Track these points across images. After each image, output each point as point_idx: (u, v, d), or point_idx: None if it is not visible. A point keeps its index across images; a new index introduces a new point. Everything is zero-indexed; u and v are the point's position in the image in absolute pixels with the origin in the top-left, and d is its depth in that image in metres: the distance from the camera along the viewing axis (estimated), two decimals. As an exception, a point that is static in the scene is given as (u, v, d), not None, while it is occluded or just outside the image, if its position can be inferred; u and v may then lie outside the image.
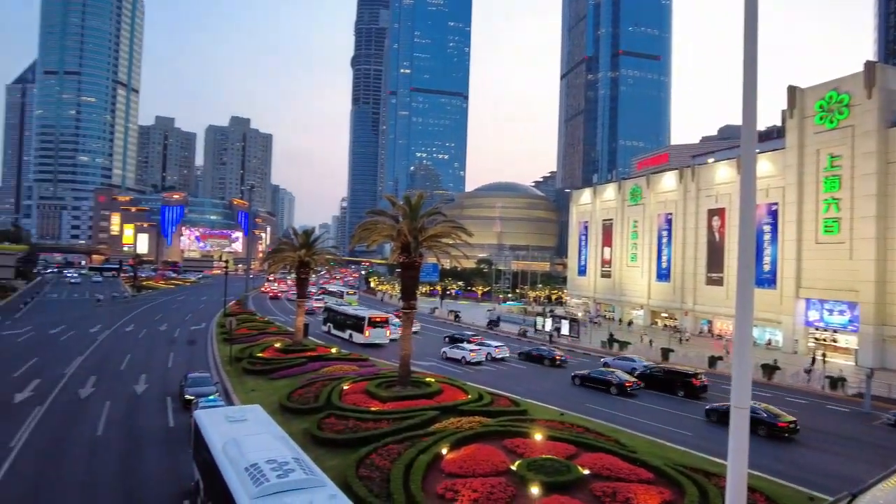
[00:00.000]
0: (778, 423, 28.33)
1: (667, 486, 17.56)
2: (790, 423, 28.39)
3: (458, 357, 46.80)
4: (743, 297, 8.34)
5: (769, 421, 28.52)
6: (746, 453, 8.27)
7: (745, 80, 8.05)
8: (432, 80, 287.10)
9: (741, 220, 8.41)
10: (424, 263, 31.20)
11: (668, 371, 39.55)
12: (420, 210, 30.31)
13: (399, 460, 18.51)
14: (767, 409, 29.56)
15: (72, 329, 55.46)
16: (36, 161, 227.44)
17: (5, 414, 26.78)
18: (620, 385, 36.98)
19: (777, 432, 28.10)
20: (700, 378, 37.67)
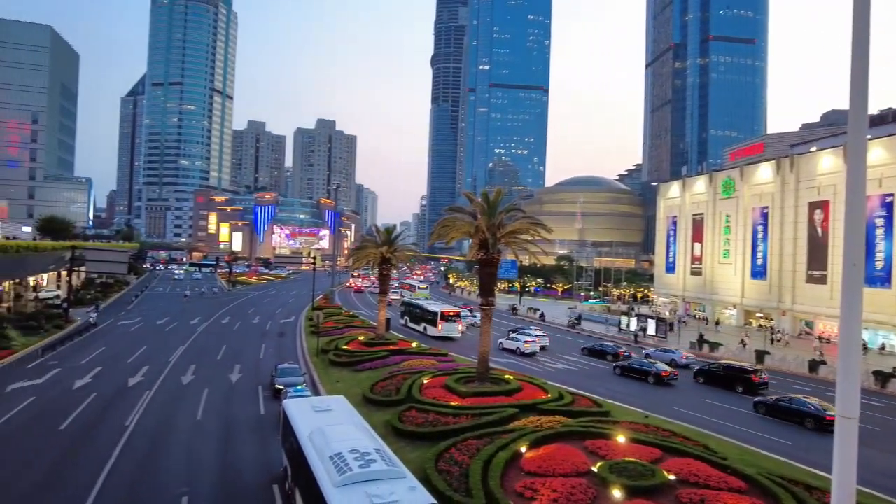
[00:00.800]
0: (826, 417, 28.22)
1: (760, 496, 16.48)
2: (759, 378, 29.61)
3: (513, 348, 48.74)
4: (850, 297, 7.67)
5: (817, 414, 28.78)
6: (854, 466, 7.61)
7: (854, 60, 7.38)
8: (511, 75, 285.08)
9: (848, 212, 7.73)
10: (503, 260, 31.05)
11: (727, 367, 39.33)
12: (498, 206, 30.17)
13: (478, 456, 18.56)
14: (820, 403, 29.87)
15: (175, 321, 59.94)
16: (145, 166, 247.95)
17: (122, 396, 29.46)
18: (657, 375, 38.72)
19: (826, 425, 27.85)
20: (760, 374, 37.47)
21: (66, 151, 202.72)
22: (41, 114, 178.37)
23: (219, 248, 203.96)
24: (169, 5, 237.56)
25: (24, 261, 53.17)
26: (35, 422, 24.91)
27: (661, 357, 45.94)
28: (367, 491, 12.57)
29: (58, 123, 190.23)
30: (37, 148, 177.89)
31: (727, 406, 33.24)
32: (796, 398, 31.26)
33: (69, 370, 35.11)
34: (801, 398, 31.01)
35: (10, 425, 24.37)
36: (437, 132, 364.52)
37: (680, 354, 47.24)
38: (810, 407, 29.44)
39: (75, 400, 28.42)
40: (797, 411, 30.01)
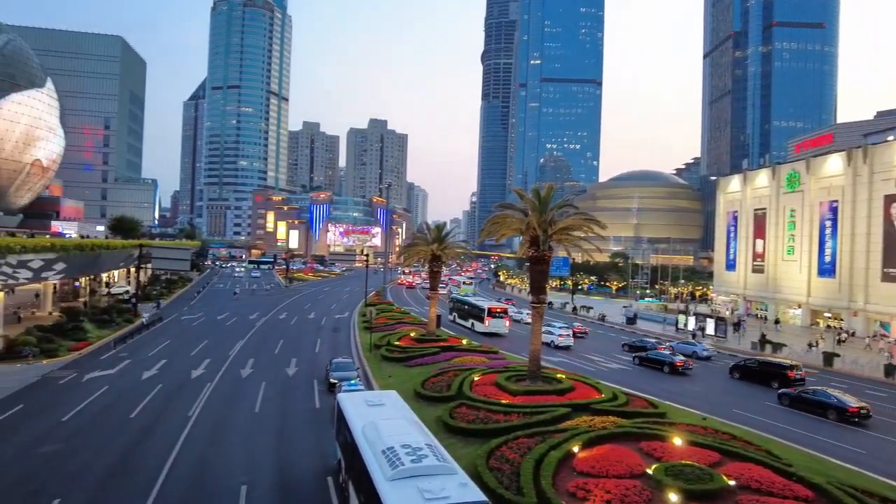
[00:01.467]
0: (849, 409, 28.95)
1: (830, 506, 15.67)
2: (860, 409, 28.88)
3: (547, 341, 48.59)
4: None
5: (840, 406, 29.37)
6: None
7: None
8: (563, 69, 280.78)
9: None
10: (554, 257, 30.62)
11: (763, 363, 39.70)
12: (549, 202, 29.75)
13: (530, 454, 18.43)
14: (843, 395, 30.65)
15: (235, 315, 62.23)
16: (206, 167, 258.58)
17: (186, 388, 30.88)
18: (672, 364, 41.01)
19: (848, 417, 28.83)
20: (797, 371, 37.39)
21: (135, 154, 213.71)
22: (112, 119, 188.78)
23: (276, 245, 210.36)
24: (227, 12, 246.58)
25: (98, 258, 56.44)
26: (108, 409, 26.45)
27: (683, 349, 48.17)
28: (418, 486, 12.69)
29: (127, 128, 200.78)
30: (108, 152, 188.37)
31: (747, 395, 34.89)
32: (819, 390, 31.60)
33: (138, 362, 37.07)
34: (824, 390, 31.44)
35: (88, 412, 25.99)
36: (487, 129, 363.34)
37: (702, 347, 49.66)
38: (833, 399, 30.04)
39: (143, 390, 29.99)
40: (820, 403, 30.51)
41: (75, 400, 27.74)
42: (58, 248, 46.02)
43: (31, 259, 41.05)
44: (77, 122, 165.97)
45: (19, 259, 39.22)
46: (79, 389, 29.86)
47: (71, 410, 26.05)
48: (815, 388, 32.48)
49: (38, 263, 42.35)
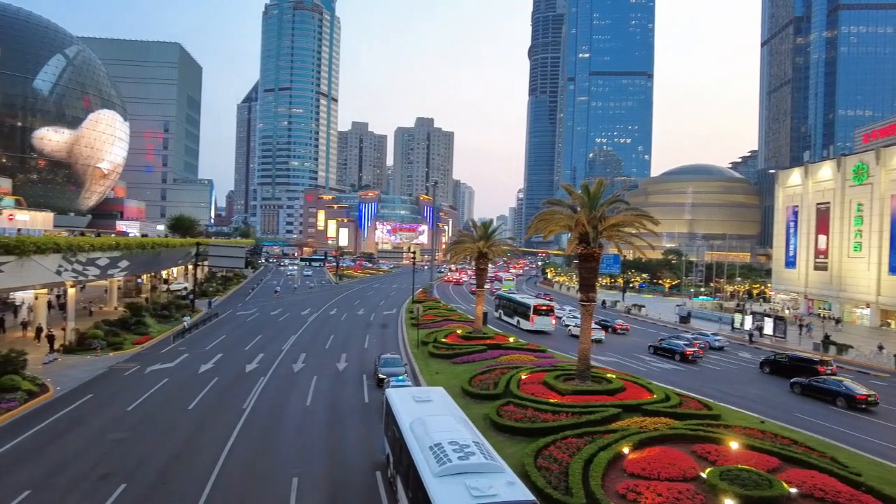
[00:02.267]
0: (856, 396, 30.73)
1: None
2: (868, 396, 30.70)
3: (577, 333, 50.25)
4: None
5: (848, 393, 31.14)
6: None
7: None
8: (613, 62, 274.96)
9: None
10: (604, 254, 29.95)
11: (793, 357, 40.51)
12: (599, 198, 29.16)
13: (579, 455, 18.18)
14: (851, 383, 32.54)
15: (287, 311, 63.89)
16: (259, 167, 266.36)
17: (240, 381, 31.92)
18: (682, 353, 44.35)
19: (856, 403, 30.59)
20: (827, 365, 37.93)
21: (192, 156, 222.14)
22: (171, 123, 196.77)
23: (327, 243, 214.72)
24: (278, 15, 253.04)
25: (158, 256, 59.04)
26: (169, 401, 27.64)
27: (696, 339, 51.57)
28: (466, 483, 12.70)
29: (184, 131, 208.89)
30: (167, 154, 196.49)
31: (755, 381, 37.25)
32: (829, 379, 33.40)
33: (196, 356, 38.56)
34: (834, 379, 33.34)
35: (150, 403, 27.24)
36: (534, 124, 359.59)
37: (714, 338, 53.35)
38: (842, 387, 31.65)
39: (200, 383, 31.19)
40: (829, 391, 32.15)
41: (139, 391, 29.13)
42: (122, 247, 48.44)
43: (98, 257, 43.36)
44: (139, 126, 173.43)
45: (88, 257, 41.49)
46: (142, 381, 31.34)
47: (135, 401, 27.37)
48: (825, 377, 34.41)
49: (105, 261, 44.68)
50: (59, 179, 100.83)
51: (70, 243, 39.37)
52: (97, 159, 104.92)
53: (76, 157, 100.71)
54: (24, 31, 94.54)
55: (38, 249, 34.32)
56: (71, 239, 42.15)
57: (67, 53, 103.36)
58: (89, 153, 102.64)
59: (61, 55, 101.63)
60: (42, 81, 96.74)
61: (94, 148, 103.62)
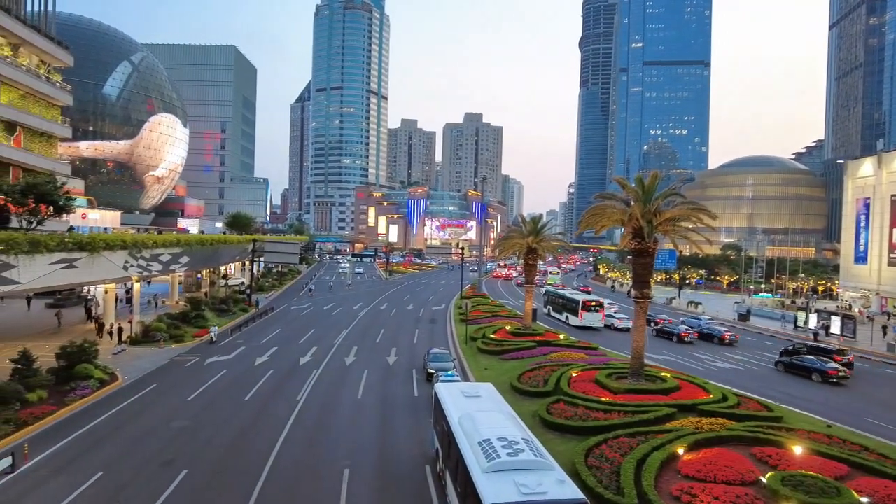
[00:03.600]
0: (828, 371, 35.68)
1: None
2: (838, 371, 35.65)
3: (609, 324, 55.75)
4: None
5: (821, 369, 36.14)
6: None
7: None
8: (667, 51, 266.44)
9: None
10: (659, 250, 29.10)
11: (811, 348, 41.95)
12: (654, 191, 28.30)
13: (631, 454, 17.79)
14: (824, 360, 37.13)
15: (340, 306, 65.18)
16: (312, 166, 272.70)
17: (294, 373, 32.81)
18: (678, 335, 49.83)
19: (828, 377, 35.51)
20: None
21: (247, 156, 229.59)
22: (228, 123, 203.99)
23: (377, 239, 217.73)
24: (329, 16, 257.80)
25: (217, 252, 61.30)
26: (226, 392, 28.70)
27: (692, 324, 55.35)
28: (515, 479, 12.61)
29: (240, 131, 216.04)
30: (225, 154, 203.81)
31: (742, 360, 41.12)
32: (806, 357, 38.63)
33: (252, 348, 39.87)
34: (810, 357, 38.44)
35: (210, 393, 28.36)
36: (585, 116, 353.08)
37: (706, 323, 55.97)
38: (816, 364, 36.93)
39: (256, 375, 32.23)
40: (806, 367, 37.44)
41: (198, 382, 30.37)
42: (182, 244, 50.55)
43: (161, 253, 45.40)
44: (198, 127, 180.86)
45: (152, 253, 43.51)
46: (201, 372, 32.66)
47: (195, 391, 28.56)
48: (802, 355, 39.46)
49: (167, 257, 46.74)
50: (124, 180, 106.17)
51: (135, 240, 41.41)
52: (157, 160, 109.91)
53: (138, 158, 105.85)
54: (95, 41, 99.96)
55: (107, 246, 36.23)
56: (136, 236, 44.37)
57: (133, 60, 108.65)
58: (150, 154, 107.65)
59: (128, 62, 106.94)
60: (111, 87, 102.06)
61: (154, 150, 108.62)
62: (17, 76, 52.01)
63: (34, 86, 54.61)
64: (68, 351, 28.62)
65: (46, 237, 30.54)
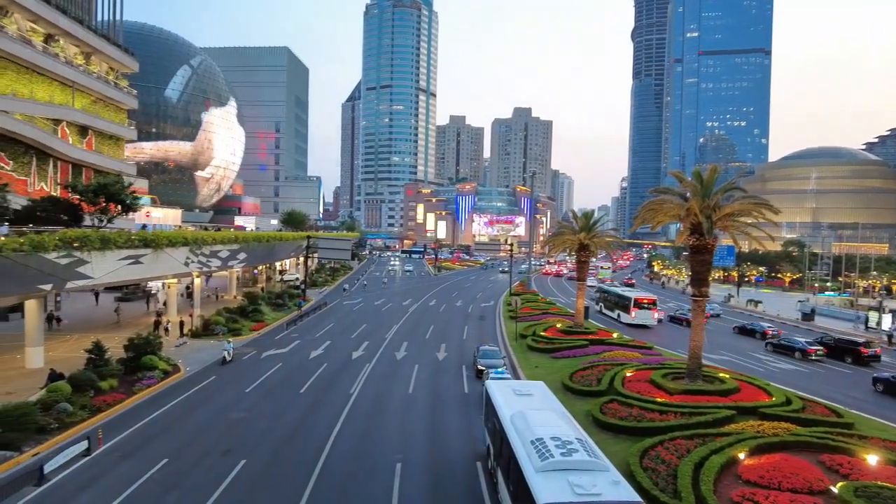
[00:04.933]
0: (808, 350, 40.69)
1: None
2: (816, 351, 40.47)
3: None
4: None
5: (803, 348, 41.04)
6: None
7: None
8: (725, 40, 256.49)
9: None
10: (717, 246, 28.03)
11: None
12: (713, 186, 27.27)
13: (688, 457, 17.25)
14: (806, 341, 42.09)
15: (390, 302, 65.98)
16: (362, 164, 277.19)
17: (347, 367, 33.44)
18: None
19: (807, 355, 40.48)
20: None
21: (301, 154, 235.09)
22: (282, 123, 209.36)
23: (425, 235, 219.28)
24: (378, 14, 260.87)
25: (272, 249, 63.20)
26: (283, 384, 29.54)
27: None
28: (568, 479, 12.44)
29: (294, 130, 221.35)
30: (279, 153, 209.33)
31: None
32: (791, 338, 43.84)
33: (306, 342, 40.87)
34: (791, 337, 44.36)
35: (267, 385, 29.27)
36: (638, 109, 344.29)
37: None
38: (799, 343, 42.01)
39: (311, 368, 33.02)
40: (790, 347, 42.46)
41: (256, 374, 31.37)
42: (240, 240, 52.36)
43: (220, 250, 47.17)
44: (253, 127, 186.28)
45: (211, 249, 45.27)
46: (258, 365, 33.72)
47: (253, 383, 29.51)
48: (788, 336, 44.95)
49: (226, 253, 48.51)
50: (185, 179, 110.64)
51: (196, 237, 43.17)
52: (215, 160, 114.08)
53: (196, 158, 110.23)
54: (157, 46, 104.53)
55: (170, 243, 37.94)
56: (197, 233, 46.22)
57: (192, 63, 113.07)
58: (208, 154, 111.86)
59: (187, 66, 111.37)
60: (171, 90, 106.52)
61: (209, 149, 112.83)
62: (90, 83, 54.98)
63: (104, 91, 57.58)
64: (135, 343, 30.15)
65: (115, 234, 32.24)
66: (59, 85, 50.72)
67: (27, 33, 47.09)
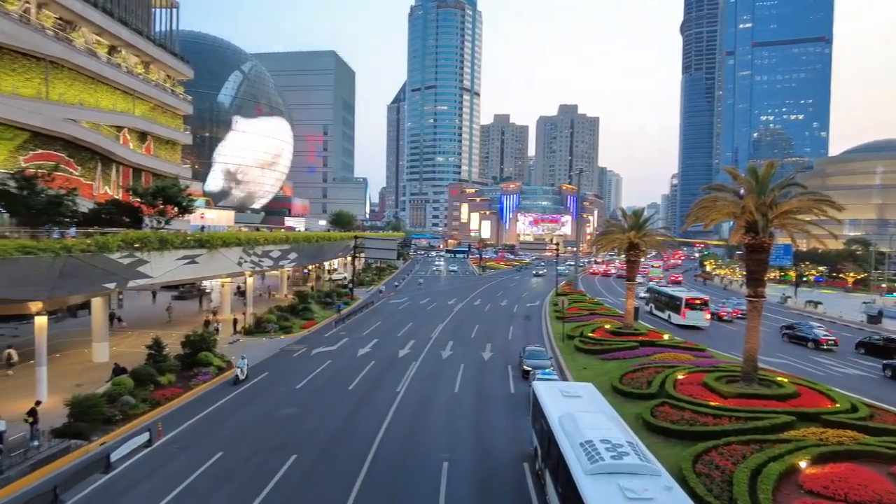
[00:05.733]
0: (820, 339, 43.99)
1: None
2: (828, 340, 43.75)
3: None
4: None
5: (815, 338, 44.36)
6: None
7: None
8: (781, 30, 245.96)
9: None
10: (774, 244, 26.90)
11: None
12: (769, 182, 26.18)
13: (744, 463, 16.64)
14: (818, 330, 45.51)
15: (435, 301, 66.30)
16: (407, 165, 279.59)
17: (394, 365, 33.82)
18: None
19: (819, 345, 43.64)
20: None
21: (347, 156, 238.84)
22: (329, 126, 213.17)
23: (470, 235, 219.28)
24: (422, 16, 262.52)
25: (321, 249, 64.49)
26: (332, 381, 30.13)
27: None
28: (619, 483, 12.22)
29: (341, 133, 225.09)
30: (327, 155, 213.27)
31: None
32: (803, 324, 47.91)
33: (355, 340, 41.54)
34: (808, 326, 47.62)
35: (317, 381, 29.93)
36: (688, 104, 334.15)
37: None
38: (812, 333, 45.14)
39: (359, 365, 33.55)
40: (804, 337, 45.45)
41: (306, 371, 32.11)
42: (290, 241, 53.67)
43: (271, 250, 48.50)
44: (301, 130, 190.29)
45: (263, 250, 46.59)
46: (308, 362, 34.50)
47: (303, 379, 30.22)
48: (802, 327, 47.49)
49: (277, 253, 49.82)
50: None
51: (248, 238, 44.53)
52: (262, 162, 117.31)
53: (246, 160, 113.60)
54: (210, 54, 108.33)
55: (224, 244, 39.25)
56: (249, 234, 47.69)
57: (243, 69, 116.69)
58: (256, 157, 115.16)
59: (238, 71, 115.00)
60: (224, 96, 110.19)
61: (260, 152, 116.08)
62: (149, 91, 57.46)
63: (162, 98, 60.05)
64: (192, 339, 31.34)
65: (172, 235, 33.59)
66: (121, 93, 53.16)
67: (93, 46, 49.57)
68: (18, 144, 39.80)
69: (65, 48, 44.36)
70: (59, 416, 21.49)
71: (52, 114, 42.64)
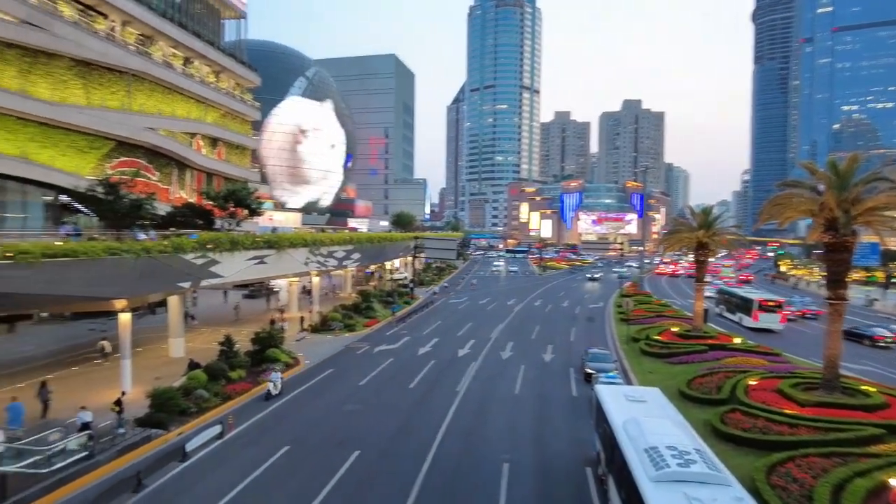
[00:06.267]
0: (875, 337, 44.00)
1: None
2: (885, 338, 43.74)
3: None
4: None
5: (871, 335, 44.30)
6: None
7: None
8: (865, 12, 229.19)
9: None
10: (858, 243, 25.20)
11: None
12: (852, 177, 24.49)
13: (825, 477, 15.68)
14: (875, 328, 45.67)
15: (494, 301, 66.09)
16: (466, 164, 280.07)
17: (454, 365, 33.99)
18: None
19: (875, 342, 43.60)
20: None
21: (408, 158, 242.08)
22: (390, 129, 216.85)
23: (530, 235, 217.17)
24: (481, 15, 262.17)
25: (383, 249, 65.72)
26: (393, 378, 30.63)
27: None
28: (685, 492, 11.79)
29: (401, 135, 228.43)
30: (388, 157, 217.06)
31: None
32: (860, 325, 46.38)
33: (415, 339, 42.03)
34: (866, 325, 46.97)
35: (379, 379, 30.52)
36: (760, 96, 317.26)
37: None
38: (868, 332, 44.58)
39: (419, 364, 33.92)
40: (860, 334, 44.68)
41: (368, 368, 32.78)
42: (354, 241, 54.99)
43: (336, 250, 49.86)
44: (363, 133, 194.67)
45: (328, 250, 47.97)
46: (371, 359, 35.20)
47: (366, 377, 30.87)
48: (856, 325, 46.54)
49: (341, 254, 51.17)
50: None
51: (314, 238, 45.97)
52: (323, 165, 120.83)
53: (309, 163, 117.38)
54: (276, 61, 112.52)
55: (291, 245, 40.70)
56: (315, 235, 49.22)
57: (307, 75, 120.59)
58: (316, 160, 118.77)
59: (303, 77, 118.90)
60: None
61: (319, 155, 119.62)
62: (220, 99, 60.26)
63: (232, 106, 62.83)
64: (261, 336, 32.65)
65: (242, 237, 35.12)
66: (194, 102, 56.00)
67: (169, 58, 52.52)
68: (105, 153, 42.68)
69: (145, 62, 47.19)
70: (141, 406, 22.93)
71: (135, 124, 45.46)
